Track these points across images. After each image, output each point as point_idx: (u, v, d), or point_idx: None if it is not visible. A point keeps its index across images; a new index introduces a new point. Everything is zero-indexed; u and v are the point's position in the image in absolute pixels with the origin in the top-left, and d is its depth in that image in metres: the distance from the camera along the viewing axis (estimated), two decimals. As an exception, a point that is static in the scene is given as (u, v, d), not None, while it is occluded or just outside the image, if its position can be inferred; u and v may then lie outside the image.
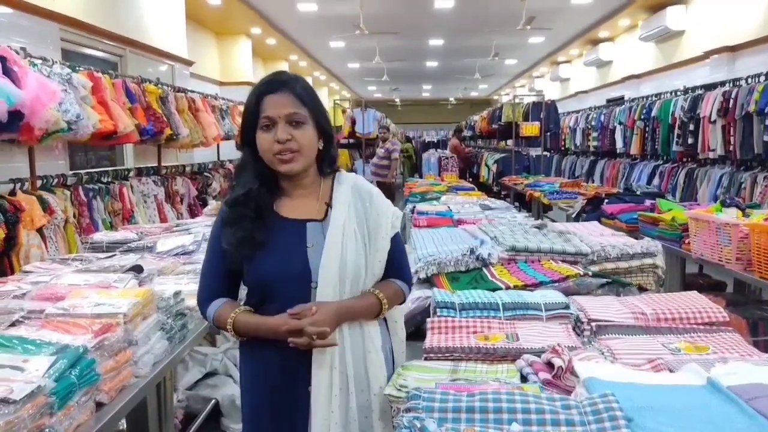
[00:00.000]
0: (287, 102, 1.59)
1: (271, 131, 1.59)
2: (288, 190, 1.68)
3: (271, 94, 1.60)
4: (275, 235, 1.61)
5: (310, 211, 1.66)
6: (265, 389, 1.63)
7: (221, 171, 6.98)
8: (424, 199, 5.31)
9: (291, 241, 1.62)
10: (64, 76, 3.83)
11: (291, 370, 1.59)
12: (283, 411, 1.62)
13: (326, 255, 1.58)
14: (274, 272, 1.58)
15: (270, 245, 1.60)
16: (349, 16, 10.50)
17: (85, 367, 1.54)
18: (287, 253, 1.60)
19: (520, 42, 13.96)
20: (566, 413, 1.20)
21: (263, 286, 1.60)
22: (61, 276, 2.30)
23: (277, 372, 1.61)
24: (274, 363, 1.61)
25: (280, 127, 1.58)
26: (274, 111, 1.58)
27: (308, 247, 1.61)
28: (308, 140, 1.61)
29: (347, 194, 1.67)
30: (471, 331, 1.82)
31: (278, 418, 1.62)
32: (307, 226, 1.64)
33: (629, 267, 2.63)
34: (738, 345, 1.71)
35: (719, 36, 8.25)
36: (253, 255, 1.59)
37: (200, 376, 3.37)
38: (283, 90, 1.60)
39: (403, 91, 26.31)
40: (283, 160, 1.59)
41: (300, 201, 1.67)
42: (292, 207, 1.67)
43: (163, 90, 5.38)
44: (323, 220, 1.64)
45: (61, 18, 5.00)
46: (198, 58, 9.01)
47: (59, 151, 4.60)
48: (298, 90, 1.61)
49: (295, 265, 1.59)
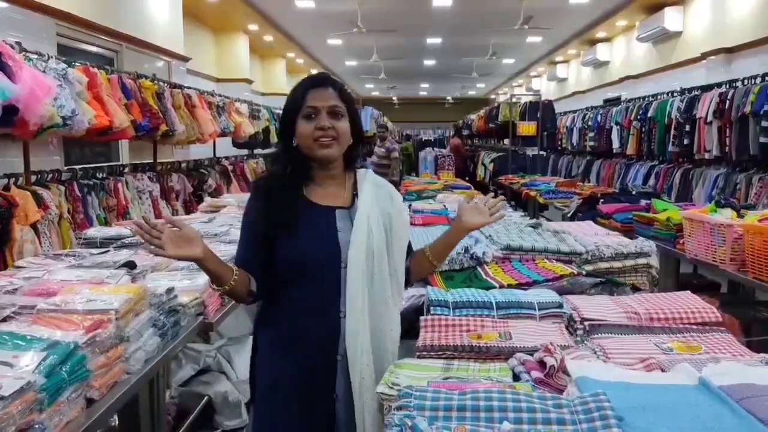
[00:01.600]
0: (331, 96, 1.78)
1: (313, 120, 1.76)
2: (318, 179, 1.84)
3: (317, 88, 1.79)
4: (307, 219, 1.77)
5: (338, 199, 1.84)
6: (294, 360, 1.75)
7: (217, 167, 6.96)
8: (420, 198, 5.30)
9: (322, 225, 1.79)
10: (60, 71, 3.81)
11: (322, 343, 1.74)
12: (312, 378, 1.75)
13: (355, 238, 1.75)
14: (308, 252, 1.74)
15: (303, 228, 1.75)
16: (347, 14, 10.49)
17: (75, 363, 1.54)
18: (320, 235, 1.78)
19: (517, 41, 13.97)
20: (557, 412, 1.20)
21: (297, 266, 1.75)
22: (53, 272, 2.29)
23: (306, 344, 1.75)
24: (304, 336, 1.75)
25: (322, 116, 1.76)
26: (319, 102, 1.77)
27: (338, 231, 1.79)
28: (345, 131, 1.80)
29: (371, 187, 1.86)
30: (464, 330, 1.82)
31: (307, 386, 1.75)
32: (336, 212, 1.81)
33: (623, 267, 2.64)
34: (730, 345, 1.72)
35: (716, 38, 8.27)
36: (286, 236, 1.73)
37: (193, 372, 3.37)
38: (327, 86, 1.80)
39: (400, 90, 26.30)
40: (322, 144, 1.76)
41: (329, 190, 1.85)
42: (321, 195, 1.83)
43: (159, 86, 5.36)
44: (350, 208, 1.82)
45: (57, 13, 4.98)
46: (195, 55, 8.99)
47: (54, 147, 4.59)
48: (339, 88, 1.82)
49: (327, 247, 1.76)
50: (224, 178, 6.98)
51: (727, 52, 8.04)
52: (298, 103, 1.78)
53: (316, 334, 1.75)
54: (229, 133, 7.13)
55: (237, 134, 7.39)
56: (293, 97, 1.81)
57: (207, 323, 2.44)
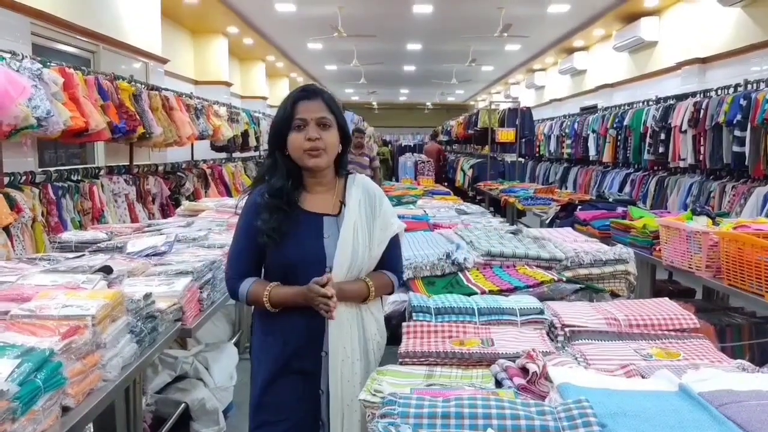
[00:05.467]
0: (318, 107, 1.87)
1: (303, 131, 1.85)
2: (310, 186, 1.93)
3: (305, 100, 1.87)
4: (297, 226, 1.87)
5: (326, 206, 1.92)
6: (283, 353, 1.87)
7: (195, 171, 6.88)
8: (400, 203, 5.30)
9: (310, 231, 1.89)
10: (35, 71, 3.74)
11: (310, 336, 1.85)
12: (299, 372, 1.87)
13: (340, 246, 1.85)
14: (295, 258, 1.85)
15: (292, 234, 1.86)
16: (328, 18, 10.47)
17: (51, 371, 1.50)
18: (307, 242, 1.87)
19: (496, 49, 14.09)
20: (541, 419, 1.20)
21: (285, 270, 1.86)
22: (27, 276, 2.23)
23: (295, 339, 1.86)
24: (294, 331, 1.86)
25: (311, 127, 1.85)
26: (307, 114, 1.85)
27: (324, 237, 1.88)
28: (333, 141, 1.89)
29: (359, 194, 1.93)
30: (446, 336, 1.82)
31: (294, 379, 1.87)
32: (324, 219, 1.90)
33: (602, 273, 2.66)
34: (708, 351, 1.74)
35: (691, 48, 8.44)
36: (276, 242, 1.84)
37: (170, 379, 3.30)
38: (315, 98, 1.88)
39: (380, 95, 26.34)
40: (311, 155, 1.85)
41: (319, 196, 1.93)
42: (311, 202, 1.92)
43: (136, 88, 5.29)
44: (337, 215, 1.91)
45: (32, 12, 4.89)
46: (173, 57, 8.90)
47: (28, 148, 4.49)
48: (327, 99, 1.90)
49: (312, 253, 1.86)
50: (202, 182, 6.91)
51: (702, 63, 8.21)
52: (288, 114, 1.86)
53: (303, 330, 1.86)
54: (207, 136, 7.07)
55: (215, 137, 7.34)
56: (283, 108, 1.88)
57: (185, 329, 2.40)
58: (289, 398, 1.88)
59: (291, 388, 1.88)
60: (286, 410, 1.88)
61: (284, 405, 1.88)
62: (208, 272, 2.68)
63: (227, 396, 3.49)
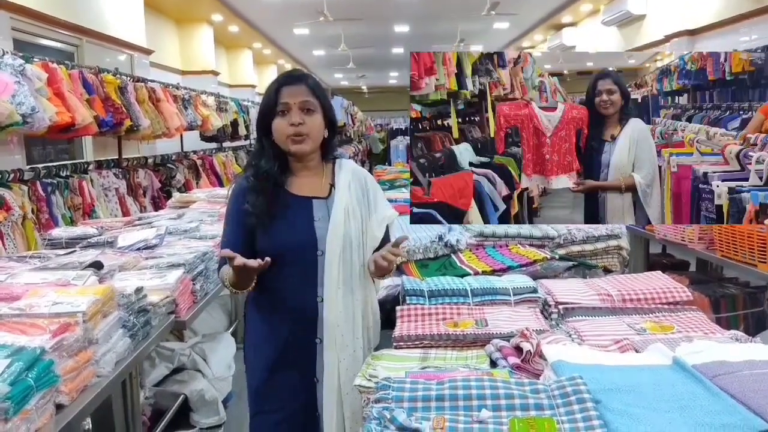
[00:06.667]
0: (302, 92, 1.86)
1: (286, 116, 1.84)
2: (296, 170, 1.93)
3: (289, 85, 1.87)
4: (286, 209, 1.87)
5: (314, 189, 1.92)
6: (277, 341, 1.87)
7: (185, 162, 6.83)
8: (393, 187, 5.28)
9: (300, 214, 1.88)
10: (17, 67, 3.68)
11: (304, 323, 1.85)
12: (294, 359, 1.87)
13: (332, 228, 1.84)
14: (286, 240, 1.85)
15: (282, 217, 1.86)
16: (313, 2, 10.35)
17: (42, 369, 1.49)
18: (298, 224, 1.87)
19: (484, 28, 13.98)
20: (535, 397, 1.20)
21: (277, 254, 1.81)
22: (17, 275, 2.21)
23: (288, 327, 1.86)
24: (287, 318, 1.87)
25: (294, 112, 1.84)
26: (290, 98, 1.84)
27: (315, 220, 1.88)
28: (317, 126, 1.88)
29: (348, 177, 1.93)
30: (440, 318, 1.82)
31: (289, 366, 1.87)
32: (313, 202, 1.90)
33: (595, 249, 2.66)
34: (702, 323, 1.74)
35: (679, 20, 8.38)
36: (269, 224, 1.84)
37: (167, 372, 3.31)
38: (299, 82, 1.87)
39: (370, 79, 26.15)
40: (295, 141, 1.85)
41: (306, 180, 1.93)
42: (299, 185, 1.92)
43: (121, 80, 5.22)
44: (327, 198, 1.90)
45: (11, 6, 4.81)
46: (158, 47, 8.79)
47: (14, 146, 4.44)
48: (311, 84, 1.89)
49: (304, 236, 1.86)
50: (193, 173, 6.86)
51: (690, 35, 8.16)
52: (272, 100, 1.86)
53: (297, 317, 1.86)
54: (196, 127, 7.00)
55: (204, 127, 7.26)
56: (267, 95, 1.89)
57: (179, 321, 2.40)
58: (285, 387, 1.88)
59: (287, 376, 1.88)
60: (283, 399, 1.88)
61: (281, 394, 1.88)
62: (200, 264, 2.66)
63: (226, 386, 3.50)
